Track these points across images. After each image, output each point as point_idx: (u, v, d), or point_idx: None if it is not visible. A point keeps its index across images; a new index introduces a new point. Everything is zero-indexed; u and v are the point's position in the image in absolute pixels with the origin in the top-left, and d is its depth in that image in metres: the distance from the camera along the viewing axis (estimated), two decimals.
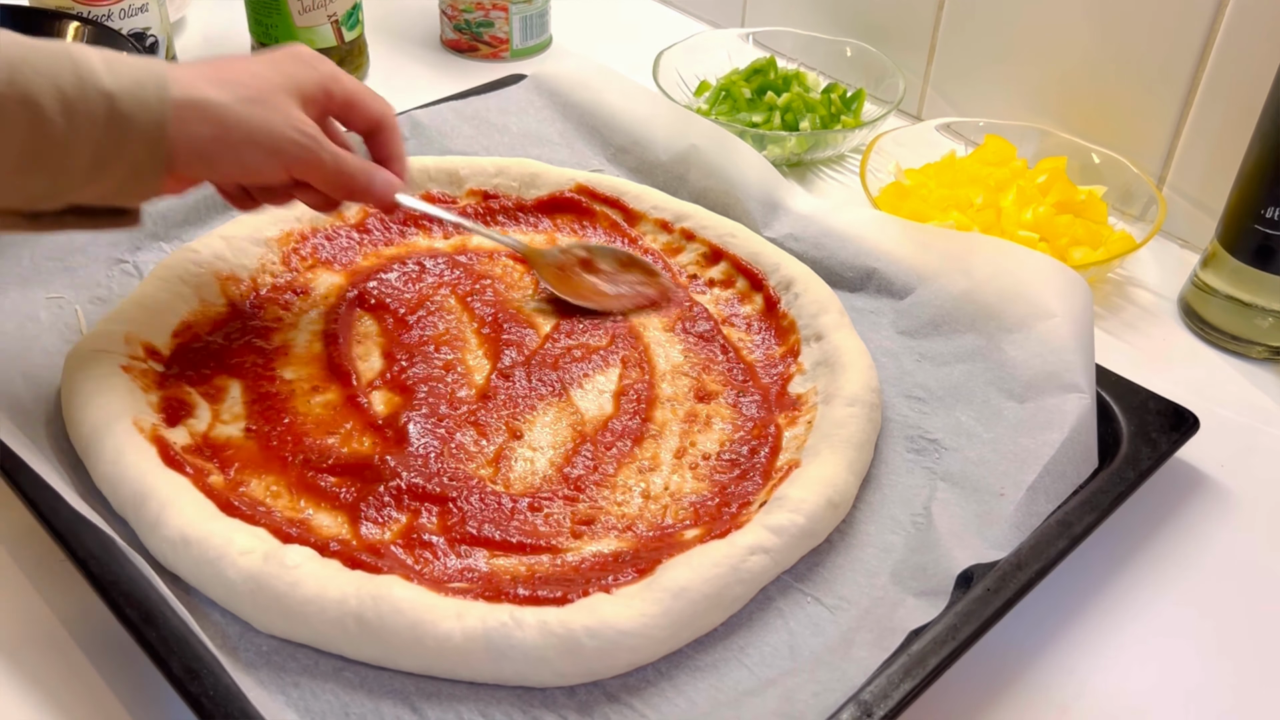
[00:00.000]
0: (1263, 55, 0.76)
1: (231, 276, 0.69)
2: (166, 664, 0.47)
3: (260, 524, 0.53)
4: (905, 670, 0.48)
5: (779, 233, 0.77)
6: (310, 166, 0.58)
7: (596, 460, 0.60)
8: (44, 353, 0.64)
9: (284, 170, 0.58)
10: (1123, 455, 0.61)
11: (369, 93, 0.63)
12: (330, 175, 0.60)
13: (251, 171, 0.58)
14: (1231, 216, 0.73)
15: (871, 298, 0.72)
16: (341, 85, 0.61)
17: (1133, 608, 0.57)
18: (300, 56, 0.60)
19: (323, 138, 0.59)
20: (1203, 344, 0.76)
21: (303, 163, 0.58)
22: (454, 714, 0.48)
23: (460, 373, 0.65)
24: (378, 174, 0.62)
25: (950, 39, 0.95)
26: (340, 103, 0.61)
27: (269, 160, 0.57)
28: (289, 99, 0.57)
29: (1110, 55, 0.85)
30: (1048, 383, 0.62)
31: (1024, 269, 0.68)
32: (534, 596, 0.50)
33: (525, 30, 1.07)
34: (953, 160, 0.87)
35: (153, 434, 0.57)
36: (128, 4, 0.91)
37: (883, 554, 0.56)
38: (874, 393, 0.62)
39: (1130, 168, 0.83)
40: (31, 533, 0.55)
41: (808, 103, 0.93)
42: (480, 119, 0.88)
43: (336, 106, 0.61)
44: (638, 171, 0.84)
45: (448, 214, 0.70)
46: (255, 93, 0.56)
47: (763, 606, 0.53)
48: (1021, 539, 0.55)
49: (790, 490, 0.56)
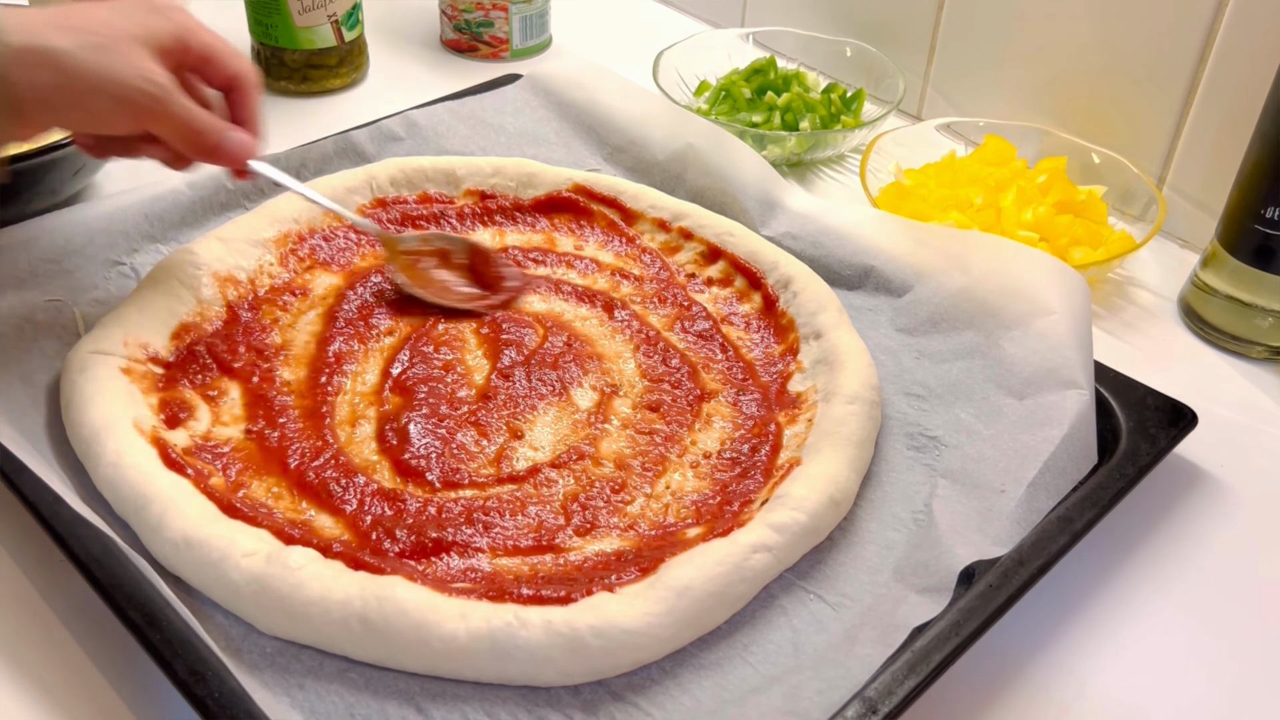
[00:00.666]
0: (1263, 55, 0.76)
1: (229, 278, 0.69)
2: (171, 667, 0.46)
3: (262, 525, 0.53)
4: (909, 667, 0.48)
5: (776, 231, 0.77)
6: (158, 118, 0.57)
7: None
8: (43, 355, 0.64)
9: (133, 121, 0.57)
10: (1122, 451, 0.61)
11: (229, 48, 0.61)
12: (180, 129, 0.58)
13: (98, 120, 0.56)
14: (1231, 216, 0.73)
15: (870, 295, 0.72)
16: (198, 37, 0.59)
17: (1132, 606, 0.57)
18: (155, 5, 0.58)
19: (174, 89, 0.57)
20: (1203, 344, 0.76)
21: (151, 114, 0.56)
22: (459, 714, 0.48)
23: (460, 373, 0.65)
24: (231, 133, 0.60)
25: (950, 39, 0.95)
26: (197, 56, 0.59)
27: (116, 109, 0.55)
28: (139, 47, 0.55)
29: (1110, 55, 0.85)
30: (1047, 379, 0.62)
31: (1022, 266, 0.68)
32: (538, 596, 0.50)
33: (525, 30, 1.07)
34: (953, 160, 0.87)
35: (153, 436, 0.57)
36: None
37: (885, 551, 0.56)
38: (874, 390, 0.62)
39: (1130, 168, 0.83)
40: (32, 535, 0.55)
41: (808, 103, 0.93)
42: (476, 119, 0.88)
43: (193, 59, 0.59)
44: (635, 171, 0.84)
45: (296, 184, 0.68)
46: (103, 40, 0.54)
47: (766, 604, 0.53)
48: (1023, 535, 0.55)
49: (792, 488, 0.56)
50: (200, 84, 0.61)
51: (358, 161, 0.83)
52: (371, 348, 0.67)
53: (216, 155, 0.60)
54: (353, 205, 0.77)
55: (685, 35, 1.02)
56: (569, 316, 0.71)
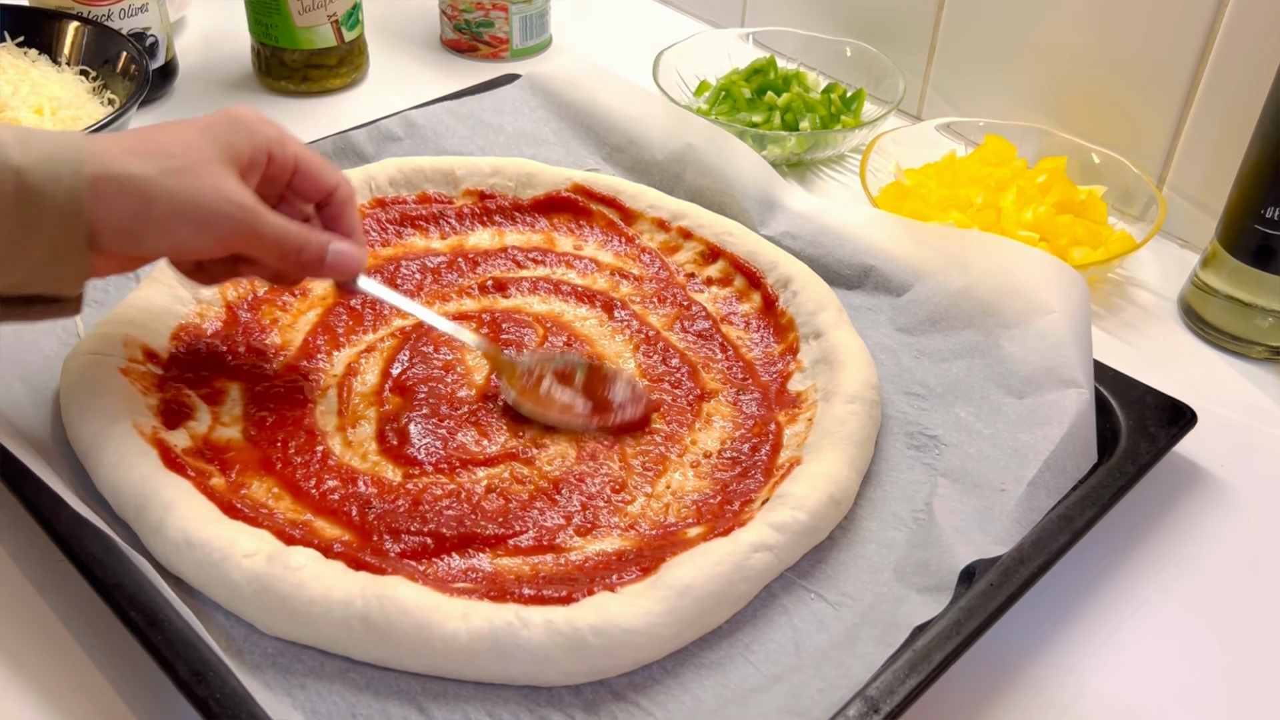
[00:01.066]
0: (1263, 55, 0.76)
1: None
2: (173, 667, 0.46)
3: (263, 526, 0.53)
4: (910, 666, 0.48)
5: (775, 231, 0.77)
6: (246, 239, 0.54)
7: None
8: (42, 356, 0.64)
9: (219, 244, 0.54)
10: (1121, 450, 0.61)
11: (319, 160, 0.58)
12: (274, 247, 0.55)
13: (184, 247, 0.53)
14: (1231, 216, 0.73)
15: (869, 295, 0.72)
16: (285, 150, 0.56)
17: (1132, 605, 0.57)
18: (238, 120, 0.55)
19: (260, 208, 0.54)
20: (1203, 344, 0.76)
21: (239, 236, 0.54)
22: (461, 714, 0.48)
23: (460, 373, 0.65)
24: (336, 244, 0.57)
25: (950, 39, 0.95)
26: (285, 169, 0.57)
27: (199, 234, 0.52)
28: (221, 167, 0.53)
29: (1111, 55, 0.85)
30: (1046, 378, 0.62)
31: (1021, 265, 0.68)
32: (539, 596, 0.50)
33: (525, 30, 1.07)
34: (953, 160, 0.87)
35: (153, 437, 0.57)
36: (128, 4, 0.91)
37: (885, 550, 0.56)
38: (873, 389, 0.62)
39: (1130, 168, 0.83)
40: (33, 536, 0.55)
41: (808, 103, 0.93)
42: (475, 119, 0.88)
43: (282, 173, 0.57)
44: (633, 171, 0.84)
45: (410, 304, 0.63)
46: (181, 163, 0.52)
47: (767, 604, 0.53)
48: (1023, 534, 0.55)
49: (792, 487, 0.56)
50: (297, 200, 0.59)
51: (357, 161, 0.83)
52: (371, 349, 0.67)
53: (321, 269, 0.57)
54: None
55: (685, 35, 1.02)
56: (569, 316, 0.71)
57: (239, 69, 1.03)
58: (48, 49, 0.89)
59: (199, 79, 1.01)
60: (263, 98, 1.00)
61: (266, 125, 0.56)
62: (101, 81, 0.87)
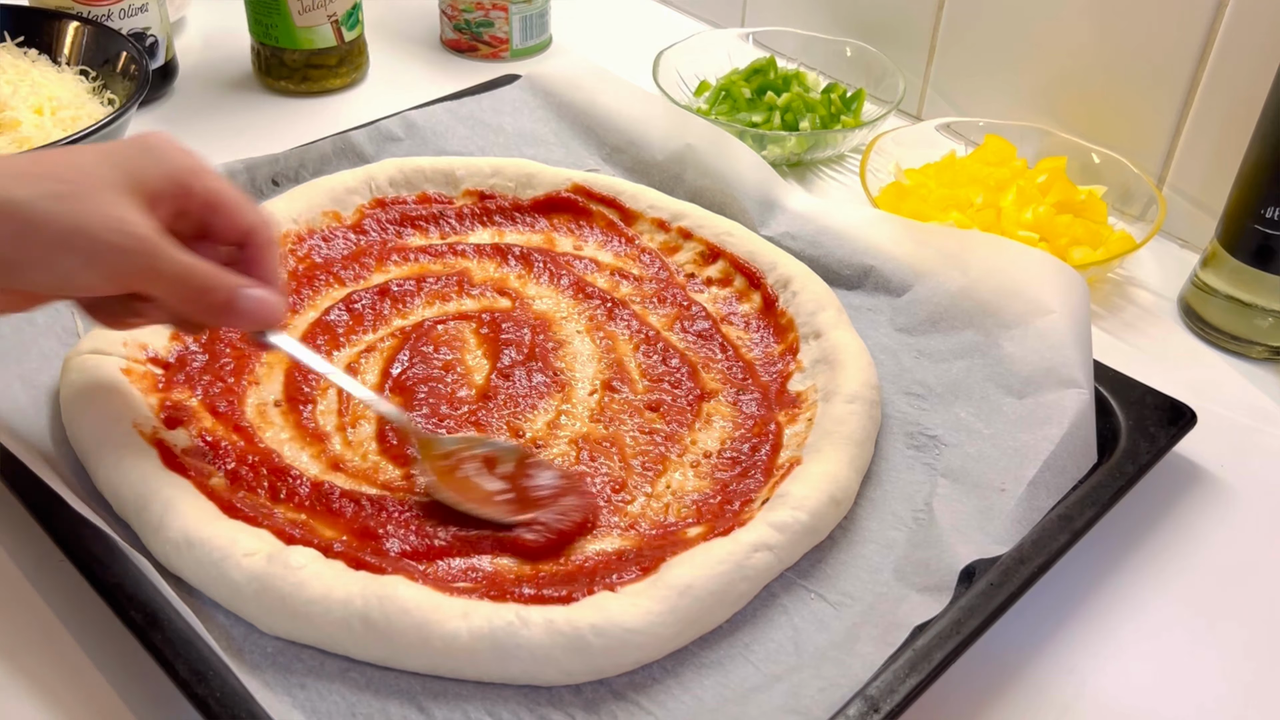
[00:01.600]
0: (1263, 55, 0.76)
1: None
2: (173, 666, 0.47)
3: (263, 525, 0.53)
4: (911, 665, 0.48)
5: (775, 231, 0.77)
6: (142, 275, 0.48)
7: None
8: (42, 356, 0.64)
9: (110, 280, 0.47)
10: (1121, 450, 0.61)
11: (238, 197, 0.52)
12: (176, 287, 0.48)
13: (70, 282, 0.47)
14: (1231, 216, 0.73)
15: (869, 295, 0.72)
16: (203, 182, 0.50)
17: (1132, 605, 0.57)
18: (148, 146, 0.49)
19: (163, 241, 0.48)
20: (1203, 344, 0.76)
21: (133, 271, 0.47)
22: (461, 713, 0.48)
23: (460, 373, 0.65)
24: (248, 290, 0.50)
25: (950, 39, 0.95)
26: (201, 203, 0.50)
27: (87, 267, 0.46)
28: (118, 195, 0.47)
29: (1110, 55, 0.85)
30: (1046, 378, 0.62)
31: (1020, 265, 0.68)
32: (539, 595, 0.50)
33: (525, 30, 1.07)
34: (953, 160, 0.87)
35: (153, 436, 0.57)
36: (128, 4, 0.91)
37: (885, 550, 0.56)
38: (873, 389, 0.63)
39: (1130, 168, 0.83)
40: (33, 536, 0.55)
41: (808, 103, 0.93)
42: (475, 119, 0.88)
43: (196, 207, 0.50)
44: (633, 171, 0.84)
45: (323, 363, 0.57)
46: (71, 188, 0.46)
47: (767, 603, 0.53)
48: (1023, 534, 0.55)
49: (792, 487, 0.56)
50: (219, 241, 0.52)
51: (356, 162, 0.83)
52: (371, 349, 0.67)
53: (229, 316, 0.51)
54: (352, 205, 0.77)
55: (685, 35, 1.02)
56: (568, 316, 0.71)
57: (239, 69, 1.03)
58: (48, 49, 0.89)
59: (199, 79, 1.01)
60: (263, 98, 1.00)
61: (180, 154, 0.50)
62: (101, 81, 0.87)
